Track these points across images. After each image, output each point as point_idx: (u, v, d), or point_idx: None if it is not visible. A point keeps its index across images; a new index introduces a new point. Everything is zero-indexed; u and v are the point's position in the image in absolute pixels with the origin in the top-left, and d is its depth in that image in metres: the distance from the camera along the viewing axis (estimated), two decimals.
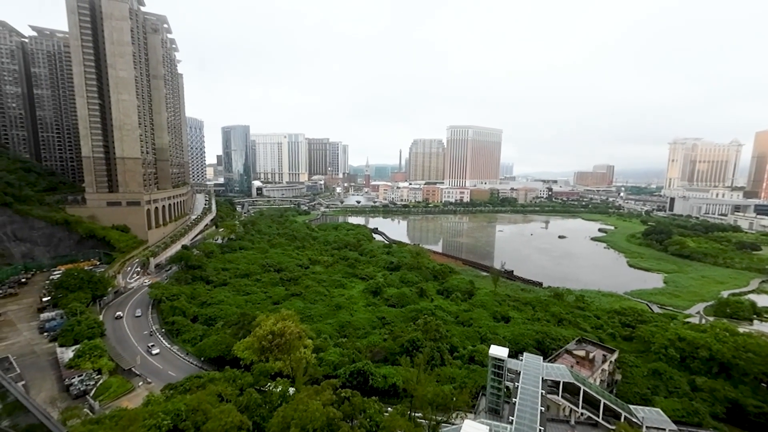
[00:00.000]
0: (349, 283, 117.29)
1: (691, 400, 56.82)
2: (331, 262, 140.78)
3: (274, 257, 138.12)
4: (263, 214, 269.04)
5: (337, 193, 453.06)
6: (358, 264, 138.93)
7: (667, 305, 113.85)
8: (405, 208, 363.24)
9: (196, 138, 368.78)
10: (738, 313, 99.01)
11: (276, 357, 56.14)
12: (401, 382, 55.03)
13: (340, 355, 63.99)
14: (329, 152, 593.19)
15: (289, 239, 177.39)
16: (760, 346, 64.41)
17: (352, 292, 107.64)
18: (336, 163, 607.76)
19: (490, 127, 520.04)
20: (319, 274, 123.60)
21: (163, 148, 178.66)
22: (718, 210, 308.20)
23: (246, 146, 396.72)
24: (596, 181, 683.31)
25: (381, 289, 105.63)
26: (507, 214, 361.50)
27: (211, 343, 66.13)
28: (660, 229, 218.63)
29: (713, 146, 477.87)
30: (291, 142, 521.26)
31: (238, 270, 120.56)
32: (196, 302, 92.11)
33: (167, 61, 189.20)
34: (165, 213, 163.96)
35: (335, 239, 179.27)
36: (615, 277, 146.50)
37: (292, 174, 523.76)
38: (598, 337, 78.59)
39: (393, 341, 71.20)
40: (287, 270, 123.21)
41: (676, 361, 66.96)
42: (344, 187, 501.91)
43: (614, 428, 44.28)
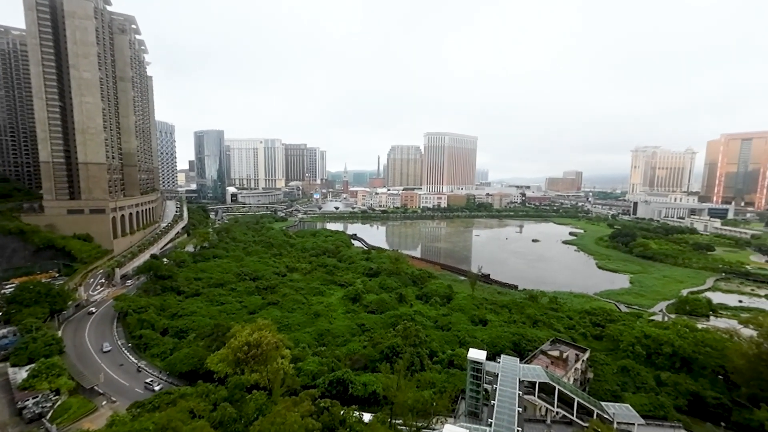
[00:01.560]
0: (327, 290, 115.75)
1: (656, 394, 59.68)
2: (309, 269, 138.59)
3: (250, 265, 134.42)
4: (238, 221, 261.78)
5: (315, 199, 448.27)
6: (336, 271, 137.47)
7: (633, 304, 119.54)
8: (384, 214, 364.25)
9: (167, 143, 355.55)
10: (696, 310, 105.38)
11: (252, 369, 54.30)
12: (381, 389, 54.57)
13: (319, 364, 62.79)
14: (307, 158, 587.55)
15: (265, 247, 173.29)
16: (716, 340, 68.79)
17: (330, 300, 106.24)
18: (314, 169, 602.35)
19: (465, 134, 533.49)
20: (296, 281, 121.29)
21: (130, 153, 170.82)
22: (676, 213, 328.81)
23: (220, 151, 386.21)
24: (566, 186, 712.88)
25: (360, 296, 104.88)
26: (483, 218, 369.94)
27: (182, 357, 63.16)
28: (625, 232, 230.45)
29: (671, 154, 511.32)
30: (267, 147, 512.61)
31: (212, 279, 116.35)
32: (166, 314, 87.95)
33: (135, 62, 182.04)
34: (132, 221, 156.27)
35: (313, 246, 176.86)
36: (585, 279, 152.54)
37: (268, 180, 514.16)
38: (570, 337, 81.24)
39: (373, 348, 70.68)
40: (264, 278, 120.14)
41: (643, 358, 70.24)
42: (322, 193, 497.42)
43: (587, 425, 45.72)
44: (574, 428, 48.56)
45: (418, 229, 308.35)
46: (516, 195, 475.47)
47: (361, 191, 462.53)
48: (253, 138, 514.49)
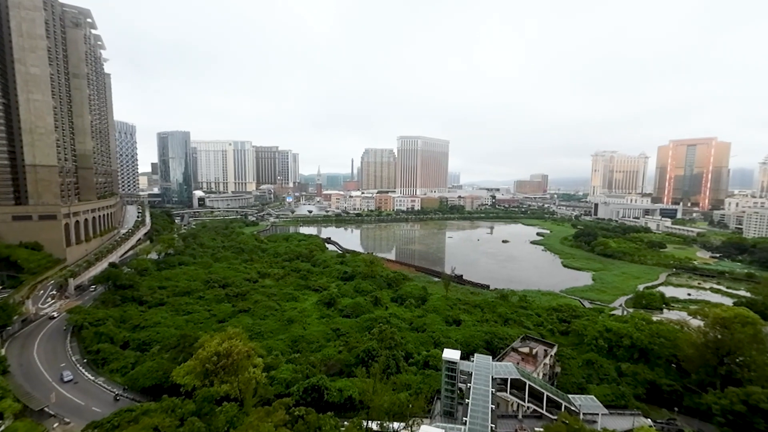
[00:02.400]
0: (301, 295, 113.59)
1: (618, 384, 63.26)
2: (282, 274, 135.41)
3: (219, 272, 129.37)
4: (206, 226, 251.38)
5: (287, 203, 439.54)
6: (310, 275, 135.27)
7: (596, 300, 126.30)
8: (358, 217, 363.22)
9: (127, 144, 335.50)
10: (651, 303, 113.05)
11: (222, 380, 52.08)
12: (357, 393, 54.16)
13: (293, 372, 61.34)
14: (279, 161, 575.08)
15: (235, 252, 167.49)
16: (669, 331, 73.98)
17: (304, 305, 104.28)
18: (286, 172, 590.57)
19: (438, 138, 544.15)
20: (269, 287, 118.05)
21: (85, 155, 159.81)
22: (632, 214, 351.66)
23: (186, 154, 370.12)
24: (533, 188, 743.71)
25: (335, 300, 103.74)
26: (456, 220, 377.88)
27: (145, 371, 59.56)
28: (587, 232, 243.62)
29: (626, 158, 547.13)
30: (237, 150, 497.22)
31: (178, 288, 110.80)
32: (127, 326, 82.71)
33: (91, 58, 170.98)
34: (88, 227, 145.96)
35: (286, 251, 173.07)
36: (552, 277, 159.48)
37: (238, 183, 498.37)
38: (539, 333, 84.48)
39: (348, 353, 70.04)
40: (234, 285, 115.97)
41: (605, 351, 74.24)
42: (295, 197, 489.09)
43: (556, 418, 47.58)
44: (543, 422, 50.41)
45: (393, 231, 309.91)
46: (487, 197, 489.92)
47: (335, 194, 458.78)
48: (222, 140, 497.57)
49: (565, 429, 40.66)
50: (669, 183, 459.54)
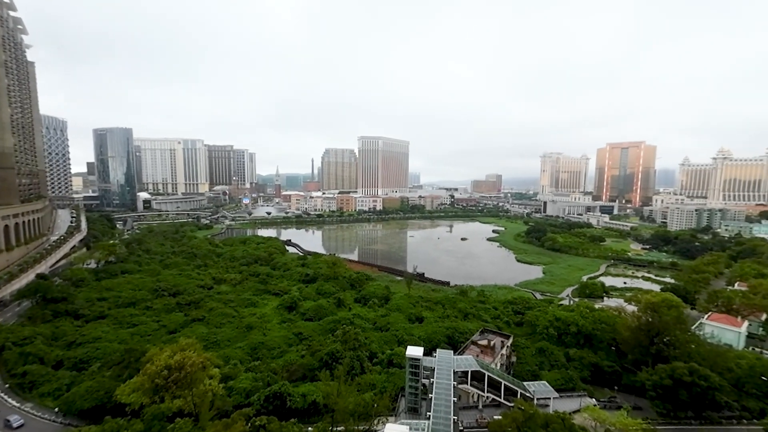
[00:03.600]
0: (260, 300, 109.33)
1: (567, 369, 68.23)
2: (239, 279, 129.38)
3: (169, 279, 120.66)
4: (153, 230, 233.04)
5: (244, 205, 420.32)
6: (270, 279, 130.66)
7: (546, 292, 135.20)
8: (319, 218, 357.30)
9: (57, 141, 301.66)
10: (594, 293, 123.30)
11: (174, 395, 48.67)
12: (321, 397, 53.28)
13: (253, 380, 58.89)
14: (234, 160, 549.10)
15: (187, 258, 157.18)
16: (609, 317, 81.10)
17: (264, 310, 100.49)
18: (242, 172, 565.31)
19: (398, 139, 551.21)
20: (225, 293, 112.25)
21: (5, 153, 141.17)
22: (576, 211, 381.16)
23: (128, 152, 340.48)
24: (489, 188, 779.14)
25: (297, 304, 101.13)
26: (417, 220, 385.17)
27: (83, 392, 53.92)
28: (538, 229, 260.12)
29: (570, 159, 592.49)
30: (187, 148, 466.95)
31: (121, 298, 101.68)
32: (60, 344, 74.39)
33: (10, 44, 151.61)
34: (10, 235, 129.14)
35: (243, 254, 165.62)
36: (507, 272, 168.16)
37: (189, 184, 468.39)
38: (496, 326, 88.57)
39: (311, 356, 68.64)
40: (186, 293, 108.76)
41: (555, 338, 79.65)
42: (252, 198, 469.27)
43: (513, 405, 50.26)
44: (502, 409, 53.03)
45: (355, 232, 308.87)
46: (446, 197, 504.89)
47: (294, 195, 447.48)
48: (170, 138, 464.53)
49: (520, 414, 43.09)
50: (607, 182, 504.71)
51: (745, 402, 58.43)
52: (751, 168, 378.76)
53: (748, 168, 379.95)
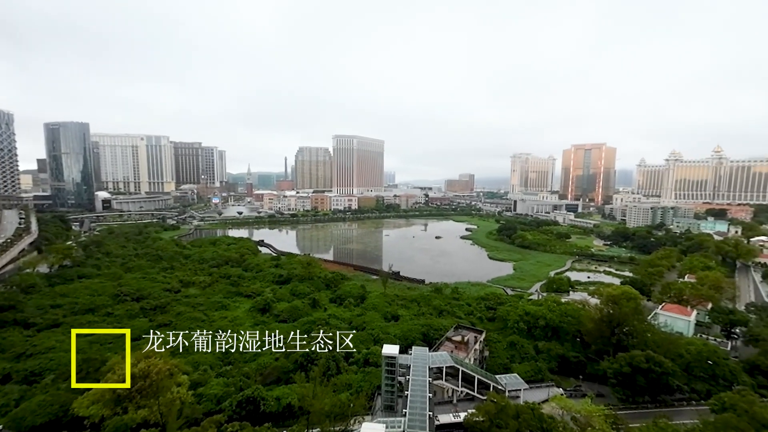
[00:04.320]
0: (232, 303, 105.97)
1: (536, 361, 71.10)
2: (209, 281, 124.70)
3: (132, 283, 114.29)
4: (114, 232, 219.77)
5: (213, 204, 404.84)
6: (242, 281, 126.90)
7: (517, 287, 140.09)
8: (293, 218, 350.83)
9: (2, 136, 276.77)
10: (560, 287, 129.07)
11: (138, 404, 46.19)
12: (297, 400, 52.41)
13: (225, 386, 57.07)
14: (203, 158, 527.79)
15: (152, 260, 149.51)
16: (574, 310, 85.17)
17: (236, 313, 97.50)
18: (211, 171, 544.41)
19: (373, 138, 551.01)
20: (194, 297, 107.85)
21: None
22: (544, 209, 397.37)
23: (85, 149, 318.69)
24: (462, 187, 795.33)
25: (270, 305, 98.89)
26: (392, 219, 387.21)
27: (34, 407, 50.02)
28: (508, 226, 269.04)
29: (539, 160, 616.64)
30: (151, 145, 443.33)
31: (78, 305, 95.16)
32: (8, 356, 68.68)
33: None
34: None
35: (213, 256, 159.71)
36: (480, 269, 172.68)
37: (153, 183, 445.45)
38: (470, 321, 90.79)
39: (286, 359, 67.35)
40: (151, 297, 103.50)
41: (525, 332, 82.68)
42: (223, 197, 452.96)
43: (486, 398, 51.74)
44: (476, 403, 54.47)
45: (330, 231, 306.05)
46: (420, 196, 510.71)
47: (267, 194, 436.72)
48: (132, 134, 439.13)
49: (493, 407, 44.44)
50: (572, 182, 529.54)
51: (694, 385, 63.40)
52: (698, 169, 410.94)
53: (696, 169, 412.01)
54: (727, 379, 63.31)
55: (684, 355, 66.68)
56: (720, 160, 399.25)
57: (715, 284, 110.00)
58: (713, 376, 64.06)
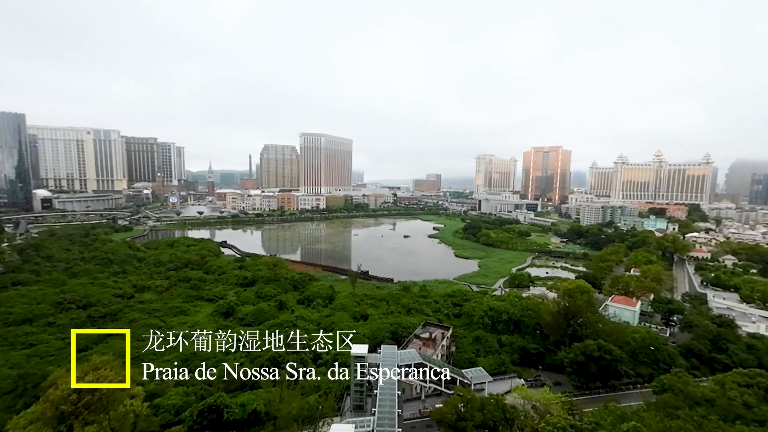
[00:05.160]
0: (192, 308, 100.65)
1: (499, 354, 74.02)
2: (166, 286, 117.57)
3: (78, 290, 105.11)
4: (56, 234, 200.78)
5: (171, 204, 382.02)
6: (203, 284, 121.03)
7: (482, 284, 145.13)
8: (258, 218, 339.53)
9: None
10: (521, 282, 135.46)
11: (86, 420, 42.51)
12: (263, 405, 50.89)
13: (184, 395, 54.18)
14: (159, 155, 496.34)
15: (101, 264, 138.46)
16: (534, 305, 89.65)
17: (197, 318, 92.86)
18: (168, 168, 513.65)
19: (341, 137, 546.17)
20: (149, 302, 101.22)
21: None
22: (506, 208, 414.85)
23: (21, 142, 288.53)
24: (429, 187, 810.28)
25: (234, 309, 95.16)
26: (361, 218, 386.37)
27: None
28: (473, 225, 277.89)
29: (501, 161, 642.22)
30: (99, 140, 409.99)
31: (12, 314, 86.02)
32: None
33: None
34: None
35: (171, 258, 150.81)
36: (447, 267, 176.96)
37: (102, 181, 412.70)
38: (437, 318, 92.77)
39: (251, 363, 65.07)
40: (100, 304, 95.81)
41: (489, 327, 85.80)
42: (181, 197, 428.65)
43: (453, 392, 53.16)
44: (443, 397, 55.80)
45: (297, 231, 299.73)
46: (389, 195, 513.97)
47: (230, 193, 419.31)
48: (77, 127, 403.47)
49: (459, 400, 45.78)
50: (531, 182, 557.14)
51: (639, 369, 69.21)
52: (642, 171, 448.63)
53: (640, 171, 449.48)
54: (666, 362, 69.75)
55: (630, 343, 72.54)
56: (660, 163, 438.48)
57: (656, 277, 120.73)
58: (655, 360, 70.35)
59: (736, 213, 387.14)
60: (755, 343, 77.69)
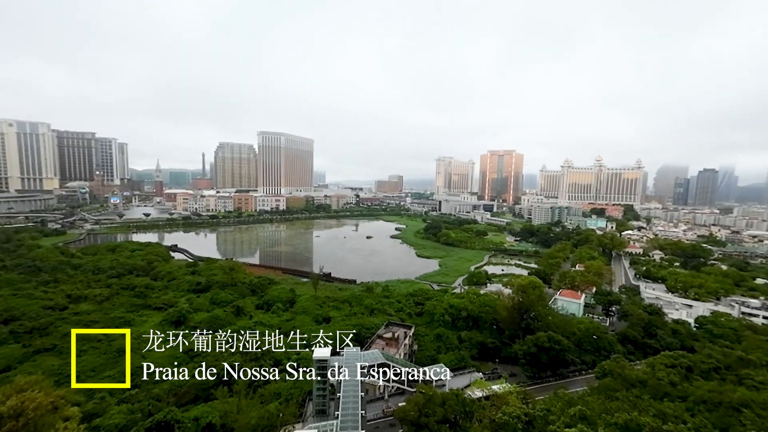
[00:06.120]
0: (138, 317, 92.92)
1: (459, 350, 76.51)
2: (106, 294, 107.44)
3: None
4: None
5: (112, 205, 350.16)
6: (150, 292, 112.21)
7: (442, 282, 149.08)
8: (213, 220, 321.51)
9: None
10: (479, 280, 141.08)
11: None
12: (218, 418, 48.30)
13: (129, 413, 49.89)
14: (98, 151, 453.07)
15: (27, 273, 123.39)
16: (491, 301, 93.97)
17: (143, 329, 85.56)
18: (109, 166, 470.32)
19: (302, 136, 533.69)
20: (86, 314, 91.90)
21: None
22: (464, 209, 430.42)
23: None
24: (391, 188, 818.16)
25: (186, 317, 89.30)
26: (323, 219, 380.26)
27: None
28: (434, 225, 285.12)
29: (460, 163, 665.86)
30: (25, 133, 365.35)
31: None
32: None
33: None
34: None
35: (113, 264, 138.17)
36: (409, 266, 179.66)
37: (28, 179, 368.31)
38: (400, 318, 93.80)
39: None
40: (25, 317, 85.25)
41: (449, 324, 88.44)
42: (125, 197, 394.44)
43: (415, 390, 54.06)
44: (406, 396, 56.55)
45: (256, 233, 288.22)
46: (351, 196, 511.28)
47: (181, 194, 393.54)
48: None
49: (421, 398, 46.66)
50: (488, 184, 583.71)
51: (584, 357, 75.01)
52: (585, 174, 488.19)
53: (583, 174, 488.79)
54: (607, 349, 76.32)
55: (576, 333, 78.46)
56: (600, 167, 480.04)
57: (598, 271, 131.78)
58: (597, 348, 76.71)
59: (663, 213, 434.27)
60: (678, 328, 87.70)
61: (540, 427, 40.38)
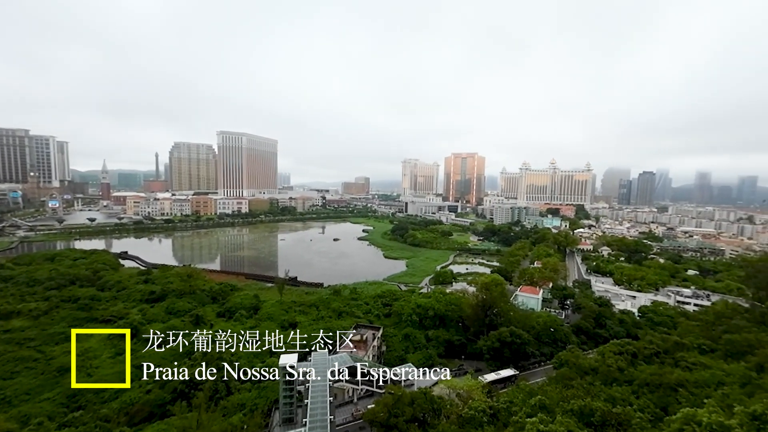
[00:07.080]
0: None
1: (427, 349, 77.84)
2: (44, 308, 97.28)
3: None
4: None
5: (51, 209, 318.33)
6: (97, 303, 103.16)
7: (409, 283, 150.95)
8: (168, 224, 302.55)
9: None
10: (445, 279, 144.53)
11: None
12: None
13: None
14: (33, 150, 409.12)
15: None
16: (457, 299, 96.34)
17: (88, 344, 78.67)
18: (46, 167, 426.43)
19: (265, 137, 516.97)
20: (19, 331, 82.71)
21: None
22: (430, 210, 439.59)
23: None
24: (358, 190, 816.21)
25: (138, 329, 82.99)
26: (288, 222, 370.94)
27: None
28: (401, 227, 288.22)
29: (425, 165, 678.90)
30: None
31: None
32: None
33: None
34: None
35: (52, 275, 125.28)
36: (377, 267, 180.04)
37: None
38: (368, 320, 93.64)
39: (161, 389, 57.64)
40: None
41: (417, 323, 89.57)
42: (65, 201, 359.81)
43: (384, 391, 54.14)
44: (375, 398, 56.45)
45: (216, 238, 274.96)
46: (317, 198, 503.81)
47: (132, 196, 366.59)
48: None
49: (390, 398, 46.84)
50: (452, 185, 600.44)
51: (543, 349, 79.16)
52: (541, 176, 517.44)
53: (540, 176, 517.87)
54: (563, 341, 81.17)
55: (535, 327, 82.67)
56: (554, 170, 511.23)
57: (554, 268, 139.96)
58: (555, 340, 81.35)
59: (609, 212, 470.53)
60: (624, 317, 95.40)
61: (504, 418, 42.06)
